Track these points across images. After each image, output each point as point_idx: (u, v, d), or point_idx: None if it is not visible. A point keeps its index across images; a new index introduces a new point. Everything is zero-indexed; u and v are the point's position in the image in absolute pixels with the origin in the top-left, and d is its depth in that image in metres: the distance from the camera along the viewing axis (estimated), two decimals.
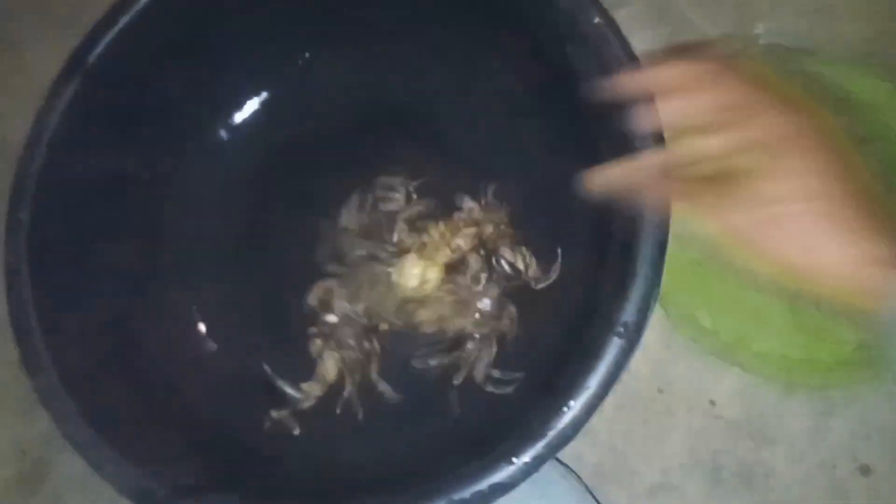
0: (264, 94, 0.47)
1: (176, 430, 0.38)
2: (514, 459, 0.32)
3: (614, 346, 0.33)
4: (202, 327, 0.44)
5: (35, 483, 0.45)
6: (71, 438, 0.34)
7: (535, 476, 0.33)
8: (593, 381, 0.32)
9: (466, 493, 0.32)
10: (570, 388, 0.33)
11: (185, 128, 0.45)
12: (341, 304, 0.44)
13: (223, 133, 0.47)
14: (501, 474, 0.32)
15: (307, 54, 0.46)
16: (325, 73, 0.47)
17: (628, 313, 0.33)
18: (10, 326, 0.36)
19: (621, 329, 0.33)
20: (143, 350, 0.41)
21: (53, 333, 0.36)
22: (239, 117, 0.47)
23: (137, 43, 0.39)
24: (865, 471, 0.40)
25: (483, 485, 0.32)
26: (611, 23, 0.37)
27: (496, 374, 0.42)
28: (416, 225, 0.44)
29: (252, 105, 0.47)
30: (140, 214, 0.43)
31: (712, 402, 0.41)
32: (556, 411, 0.32)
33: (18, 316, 0.36)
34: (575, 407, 0.32)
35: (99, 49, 0.38)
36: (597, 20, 0.37)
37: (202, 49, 0.42)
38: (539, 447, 0.32)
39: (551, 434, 0.32)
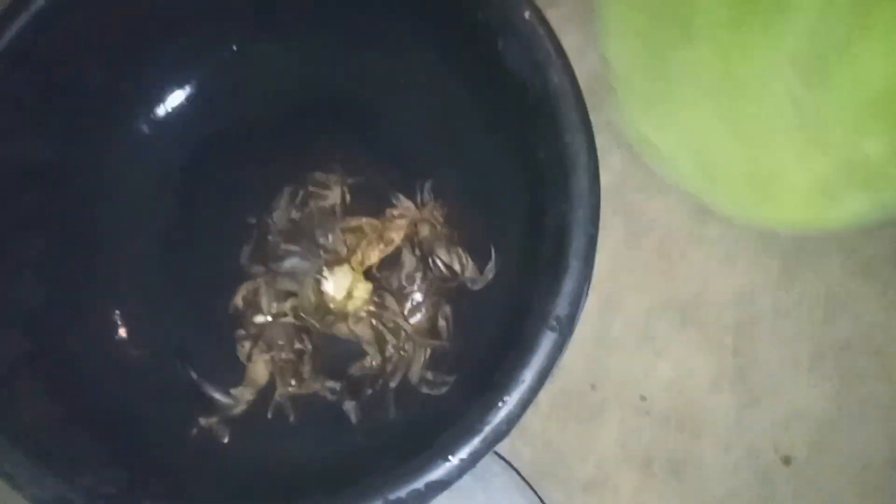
0: (190, 86, 0.46)
1: (97, 437, 0.36)
2: (450, 457, 0.32)
3: (547, 340, 0.33)
4: (123, 331, 0.42)
5: None
6: None
7: (477, 471, 0.33)
8: (527, 375, 0.33)
9: (402, 492, 0.31)
10: (504, 382, 0.33)
11: (106, 118, 0.43)
12: (269, 304, 0.43)
13: (146, 126, 0.45)
14: (438, 472, 0.32)
15: (234, 46, 0.45)
16: (254, 64, 0.46)
17: (560, 307, 0.34)
18: None
19: (554, 322, 0.33)
20: (60, 352, 0.39)
21: None
22: (163, 109, 0.45)
23: (54, 26, 0.37)
24: (787, 460, 0.41)
25: (419, 483, 0.32)
26: (542, 19, 0.37)
27: (429, 375, 0.41)
28: (351, 227, 0.43)
29: (177, 97, 0.45)
30: (57, 207, 0.41)
31: (643, 398, 0.42)
32: (491, 407, 0.33)
33: None
34: (510, 402, 0.32)
35: (12, 32, 0.36)
36: (527, 15, 0.37)
37: (124, 36, 0.40)
38: (475, 443, 0.32)
39: (487, 430, 0.32)
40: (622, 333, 0.43)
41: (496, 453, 0.41)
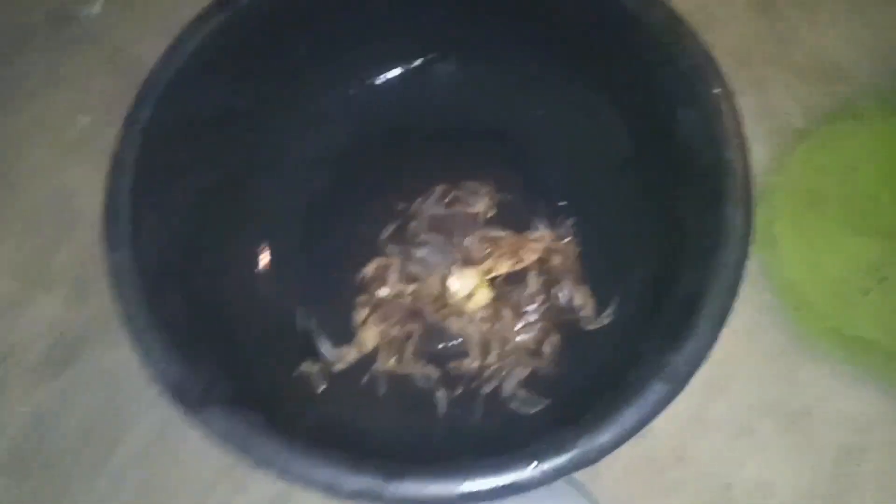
0: (372, 80, 0.50)
1: (216, 346, 0.39)
2: (535, 463, 0.32)
3: (657, 389, 0.34)
4: (260, 266, 0.46)
5: (61, 366, 0.46)
6: (129, 318, 0.36)
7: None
8: (629, 415, 0.33)
9: (482, 481, 0.32)
10: (603, 414, 0.34)
11: (295, 88, 0.47)
12: (395, 282, 0.45)
13: (325, 103, 0.49)
14: (520, 474, 0.32)
15: (420, 60, 0.49)
16: (437, 75, 0.50)
17: (678, 362, 0.34)
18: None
19: (667, 374, 0.34)
20: (203, 265, 0.42)
21: (138, 222, 0.38)
22: (344, 92, 0.49)
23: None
24: None
25: (499, 478, 0.32)
26: (728, 96, 0.39)
27: (522, 393, 0.42)
28: (490, 237, 0.46)
29: (358, 86, 0.50)
30: (239, 148, 0.46)
31: (728, 486, 0.41)
32: (585, 433, 0.33)
33: (113, 198, 0.39)
34: (605, 434, 0.33)
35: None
36: (716, 91, 0.39)
37: (332, 25, 0.45)
38: (562, 459, 0.32)
39: (576, 452, 0.33)
40: (722, 418, 0.42)
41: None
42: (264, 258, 0.46)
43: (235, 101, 0.45)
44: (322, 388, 0.43)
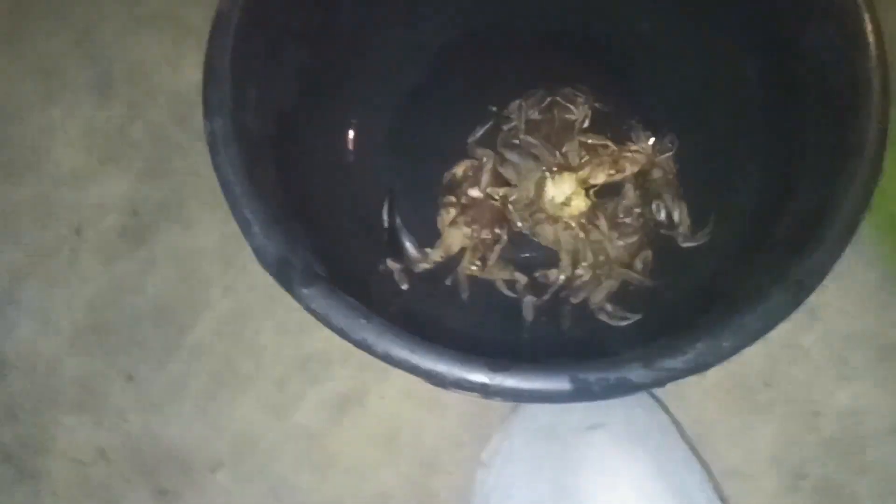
0: None
1: (308, 229, 0.38)
2: (650, 364, 0.31)
3: (778, 297, 0.32)
4: (352, 149, 0.44)
5: (134, 243, 0.45)
6: (228, 186, 0.34)
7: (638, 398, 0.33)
8: (751, 321, 0.32)
9: (592, 375, 0.31)
10: (723, 320, 0.32)
11: None
12: (486, 184, 0.43)
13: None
14: (633, 373, 0.31)
15: None
16: None
17: (801, 273, 0.33)
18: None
19: (793, 285, 0.32)
20: (297, 143, 0.41)
21: (239, 90, 0.37)
22: None
23: None
24: None
25: (611, 374, 0.31)
26: (870, 5, 0.36)
27: (609, 307, 0.41)
28: (589, 144, 0.44)
29: None
30: (339, 29, 0.43)
31: (816, 413, 0.40)
32: (707, 336, 0.32)
33: (214, 61, 0.36)
34: (726, 339, 0.32)
35: None
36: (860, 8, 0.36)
37: None
38: (678, 360, 0.31)
39: (692, 353, 0.31)
40: (814, 346, 0.41)
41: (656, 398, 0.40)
42: (355, 146, 0.45)
43: None
44: (405, 286, 0.42)
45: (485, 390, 0.32)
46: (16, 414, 0.42)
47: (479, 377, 0.32)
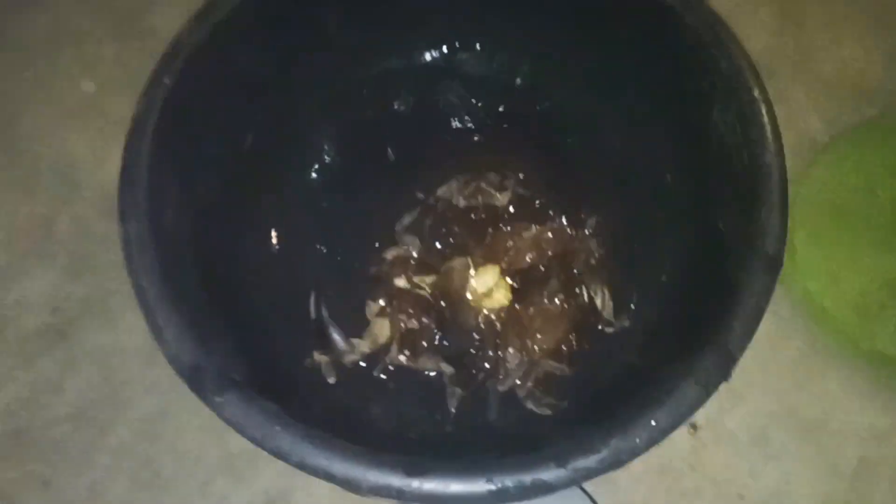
0: (398, 60, 0.49)
1: (230, 329, 0.37)
2: (565, 465, 0.31)
3: (689, 391, 0.33)
4: (276, 243, 0.44)
5: (56, 341, 0.44)
6: (141, 293, 0.34)
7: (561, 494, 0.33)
8: (660, 418, 0.32)
9: (508, 479, 0.31)
10: (633, 417, 0.33)
11: (324, 61, 0.46)
12: (412, 274, 0.44)
13: (347, 79, 0.48)
14: (548, 474, 0.31)
15: (460, 41, 0.48)
16: (465, 62, 0.49)
17: (708, 367, 0.33)
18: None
19: (702, 377, 0.33)
20: (218, 241, 0.41)
21: (156, 192, 0.37)
22: (367, 71, 0.48)
23: None
24: None
25: (527, 477, 0.31)
26: (767, 100, 0.38)
27: (538, 393, 0.41)
28: (510, 230, 0.45)
29: (383, 65, 0.48)
30: (260, 120, 0.44)
31: (741, 496, 0.40)
32: (616, 434, 0.32)
33: (130, 166, 0.37)
34: (638, 436, 0.32)
35: None
36: (756, 94, 0.38)
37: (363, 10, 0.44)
38: (591, 460, 0.31)
39: (606, 452, 0.32)
40: (738, 427, 0.42)
41: (584, 490, 0.40)
42: (278, 239, 0.45)
43: (261, 72, 0.44)
44: (332, 380, 0.41)
45: (401, 496, 0.31)
46: None
47: (395, 482, 0.31)
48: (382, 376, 0.42)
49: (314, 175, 0.47)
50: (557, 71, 0.47)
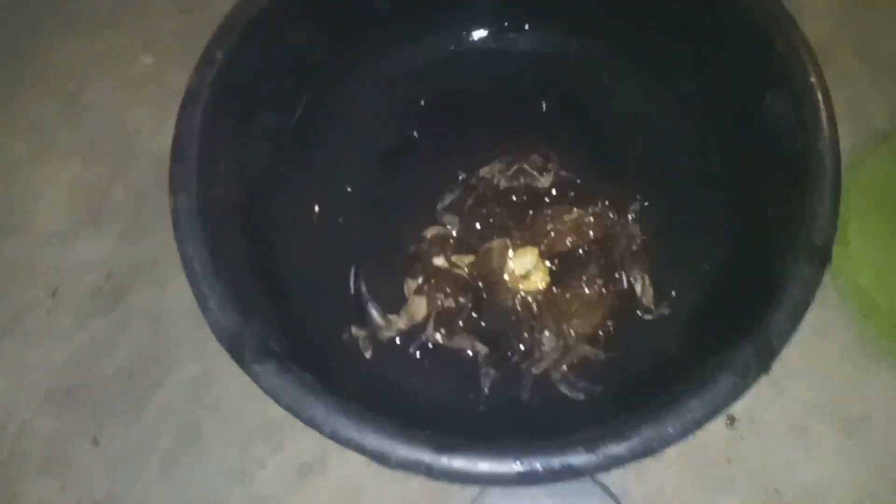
0: (446, 43, 0.49)
1: (271, 300, 0.39)
2: (595, 450, 0.31)
3: (726, 382, 0.32)
4: (317, 218, 0.45)
5: (109, 303, 0.46)
6: (188, 262, 0.35)
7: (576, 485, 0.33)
8: (696, 407, 0.32)
9: (538, 461, 0.31)
10: (667, 404, 0.32)
11: (377, 41, 0.46)
12: (451, 253, 0.44)
13: (400, 61, 0.48)
14: (577, 458, 0.31)
15: (508, 22, 0.48)
16: (514, 44, 0.49)
17: (750, 355, 0.33)
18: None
19: (741, 369, 0.32)
20: (264, 216, 0.42)
21: (205, 165, 0.38)
22: (425, 49, 0.48)
23: None
24: None
25: (556, 460, 0.31)
26: (823, 85, 0.37)
27: (572, 377, 0.41)
28: (553, 211, 0.44)
29: (434, 47, 0.49)
30: (309, 97, 0.45)
31: (777, 491, 0.40)
32: (649, 421, 0.32)
33: (181, 139, 0.38)
34: (671, 425, 0.32)
35: None
36: (812, 78, 0.37)
37: None
38: (622, 447, 0.31)
39: (637, 440, 0.31)
40: (777, 419, 0.41)
41: (608, 490, 0.40)
42: (320, 214, 0.45)
43: (311, 50, 0.44)
44: (369, 353, 0.42)
45: (429, 472, 0.32)
46: None
47: (425, 457, 0.32)
48: (418, 353, 0.43)
49: (358, 151, 0.47)
50: (607, 53, 0.46)
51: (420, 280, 0.44)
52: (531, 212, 0.44)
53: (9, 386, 0.44)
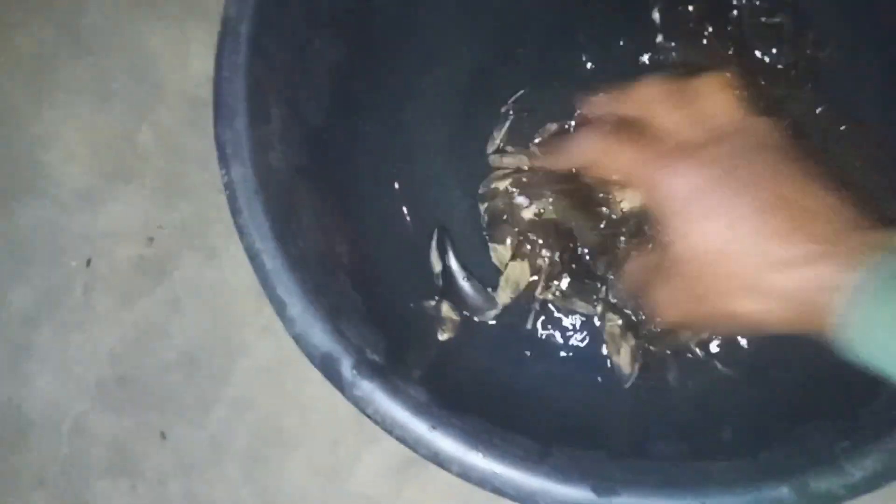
0: None
1: (357, 294, 0.31)
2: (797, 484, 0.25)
3: None
4: (398, 185, 0.36)
5: (154, 277, 0.39)
6: (255, 256, 0.28)
7: None
8: None
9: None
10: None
11: None
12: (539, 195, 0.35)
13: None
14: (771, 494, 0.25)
15: None
16: None
17: None
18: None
19: None
20: (336, 175, 0.33)
21: (258, 119, 0.29)
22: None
23: None
24: None
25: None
26: None
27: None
28: None
29: None
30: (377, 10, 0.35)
31: None
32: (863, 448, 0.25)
33: (225, 87, 0.29)
34: None
35: None
36: None
37: None
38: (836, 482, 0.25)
39: (858, 476, 0.24)
40: None
41: None
42: (401, 181, 0.36)
43: None
44: (471, 340, 0.34)
45: None
46: (43, 478, 0.38)
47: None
48: (528, 328, 0.35)
49: (443, 78, 0.37)
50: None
51: (509, 241, 0.35)
52: None
53: (53, 380, 0.39)
